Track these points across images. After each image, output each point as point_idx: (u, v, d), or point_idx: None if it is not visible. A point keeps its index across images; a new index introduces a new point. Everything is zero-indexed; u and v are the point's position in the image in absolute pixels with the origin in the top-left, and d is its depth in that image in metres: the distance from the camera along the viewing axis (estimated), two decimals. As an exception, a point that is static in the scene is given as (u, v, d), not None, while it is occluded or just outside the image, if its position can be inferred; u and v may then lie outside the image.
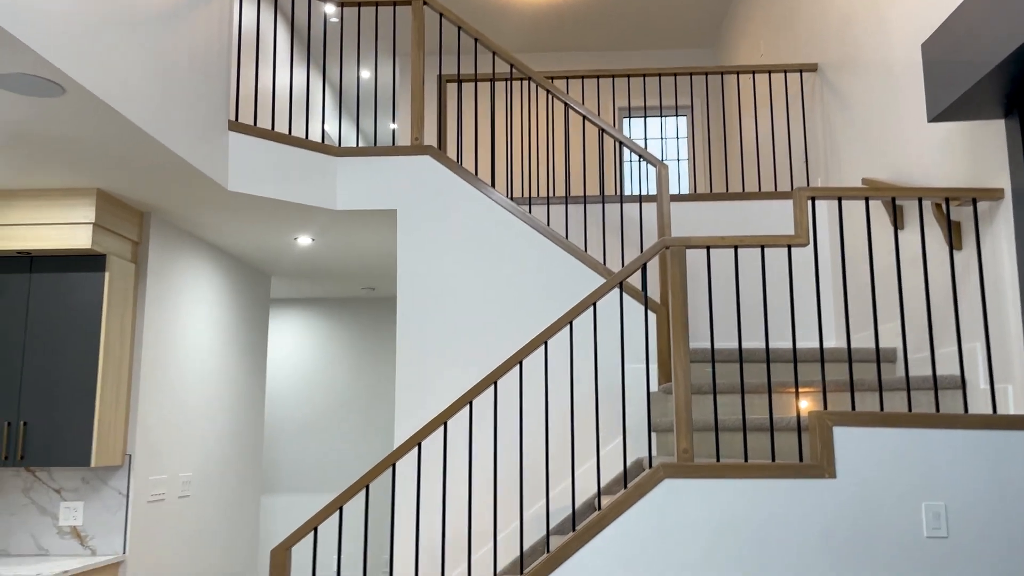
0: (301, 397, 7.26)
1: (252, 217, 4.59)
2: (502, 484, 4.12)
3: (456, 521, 4.08)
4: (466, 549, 4.05)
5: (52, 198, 4.00)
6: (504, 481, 4.12)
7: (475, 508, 4.09)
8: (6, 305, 4.08)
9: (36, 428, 3.98)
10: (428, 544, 4.06)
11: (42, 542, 4.16)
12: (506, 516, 4.09)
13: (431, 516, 4.08)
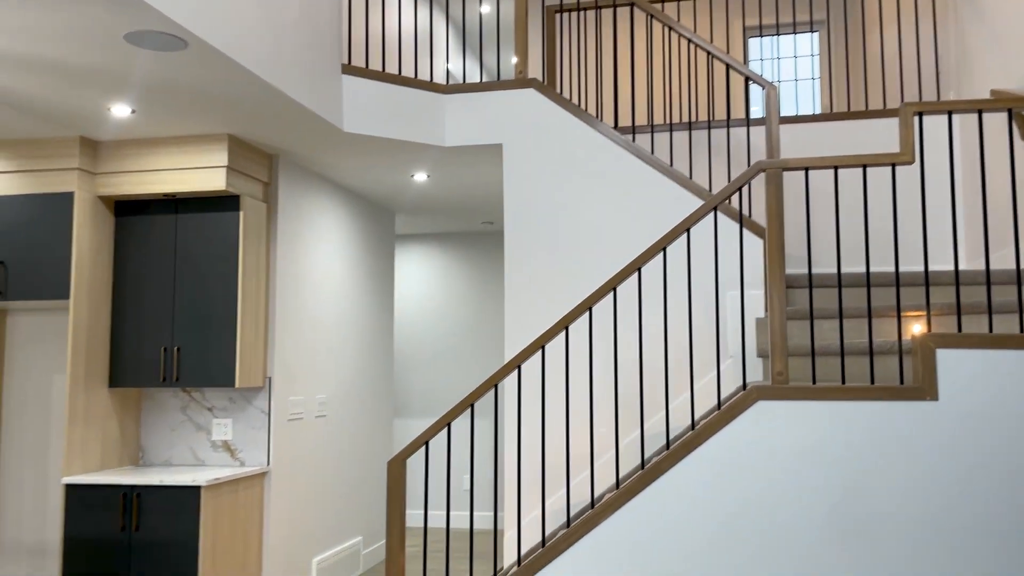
0: (428, 328, 7.64)
1: (369, 156, 4.84)
2: (602, 411, 4.25)
3: (556, 445, 4.27)
4: (564, 475, 4.24)
5: (190, 144, 4.38)
6: (603, 408, 4.25)
7: (573, 434, 4.25)
8: (158, 244, 4.55)
9: (188, 353, 4.46)
10: (529, 469, 4.27)
11: (199, 454, 4.70)
12: (603, 443, 4.23)
13: (532, 439, 4.28)
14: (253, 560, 4.53)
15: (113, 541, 4.14)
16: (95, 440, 4.40)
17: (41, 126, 4.21)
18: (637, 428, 4.22)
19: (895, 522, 2.97)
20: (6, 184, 4.43)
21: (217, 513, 4.18)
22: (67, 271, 4.31)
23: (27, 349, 4.97)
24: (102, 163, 4.47)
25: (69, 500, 4.20)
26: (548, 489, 4.19)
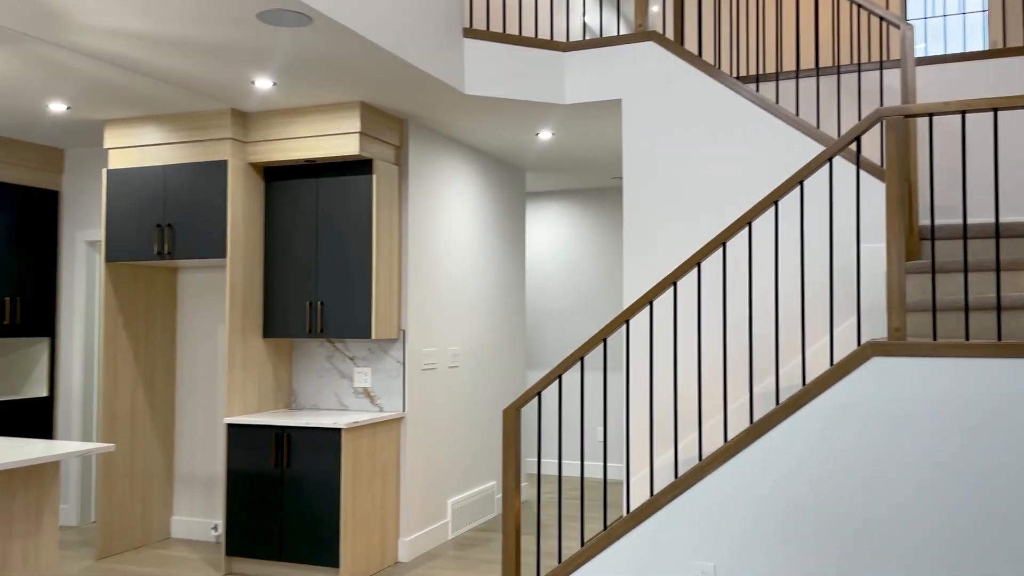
0: (560, 282, 7.77)
1: (491, 117, 4.98)
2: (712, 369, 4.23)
3: (666, 401, 4.30)
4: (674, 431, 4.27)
5: (326, 112, 4.68)
6: (713, 366, 4.23)
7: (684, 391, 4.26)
8: (302, 206, 4.91)
9: (330, 307, 4.82)
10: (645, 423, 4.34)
11: (343, 399, 5.09)
12: (713, 403, 4.22)
13: (645, 394, 4.33)
14: (391, 497, 4.89)
15: (268, 475, 4.61)
16: (252, 385, 4.87)
17: (197, 101, 4.64)
18: (748, 389, 4.18)
19: (1018, 483, 2.83)
20: (171, 154, 4.92)
21: (356, 453, 4.54)
22: (223, 232, 4.76)
23: (195, 302, 5.54)
24: (251, 132, 4.87)
25: (231, 438, 4.70)
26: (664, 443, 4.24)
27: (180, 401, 5.54)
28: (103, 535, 4.99)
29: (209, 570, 4.75)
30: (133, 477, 5.20)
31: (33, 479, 3.59)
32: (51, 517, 3.66)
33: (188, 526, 5.45)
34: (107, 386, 5.03)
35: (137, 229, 4.97)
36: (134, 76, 4.17)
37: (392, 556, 4.89)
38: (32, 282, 5.70)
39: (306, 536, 4.51)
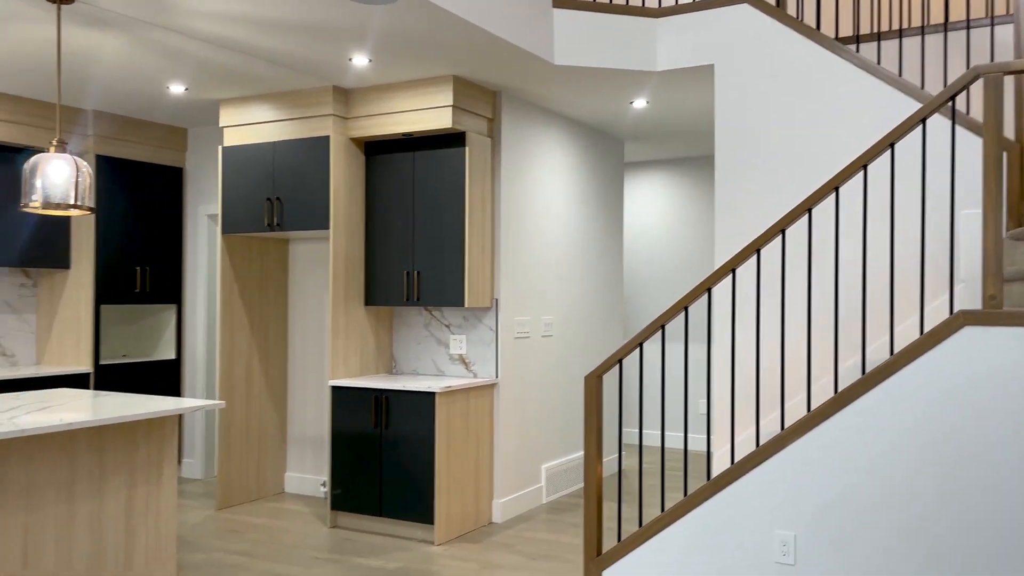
0: (659, 252, 7.71)
1: (583, 86, 4.98)
2: (795, 341, 4.13)
3: (748, 374, 4.22)
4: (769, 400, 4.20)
5: (421, 87, 4.82)
6: (797, 339, 4.12)
7: (768, 362, 4.18)
8: (399, 179, 5.10)
9: (426, 276, 5.00)
10: (733, 393, 4.28)
11: (439, 365, 5.28)
12: (797, 378, 4.12)
13: (723, 363, 4.28)
14: (485, 459, 5.05)
15: (368, 435, 4.85)
16: (355, 350, 5.12)
17: (301, 79, 4.87)
18: (833, 365, 4.06)
19: None
20: (278, 131, 5.20)
21: (450, 416, 4.72)
22: (327, 205, 5.00)
23: (304, 272, 5.85)
24: (352, 108, 5.07)
25: (334, 400, 4.97)
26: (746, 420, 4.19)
27: (291, 364, 5.89)
28: (222, 488, 5.39)
29: (317, 523, 5.06)
30: (249, 435, 5.58)
31: (154, 432, 3.93)
32: (170, 468, 4.01)
33: (300, 482, 5.81)
34: (224, 350, 5.41)
35: (250, 203, 5.29)
36: (243, 57, 4.43)
37: (486, 517, 5.07)
38: (161, 253, 6.17)
39: (403, 493, 4.74)
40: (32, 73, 4.77)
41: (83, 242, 5.69)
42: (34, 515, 3.43)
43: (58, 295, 5.78)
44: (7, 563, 3.33)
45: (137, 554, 3.85)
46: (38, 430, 3.15)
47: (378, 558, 4.38)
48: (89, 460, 3.64)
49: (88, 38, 4.11)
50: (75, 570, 3.59)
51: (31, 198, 3.43)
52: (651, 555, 3.48)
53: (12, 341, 5.69)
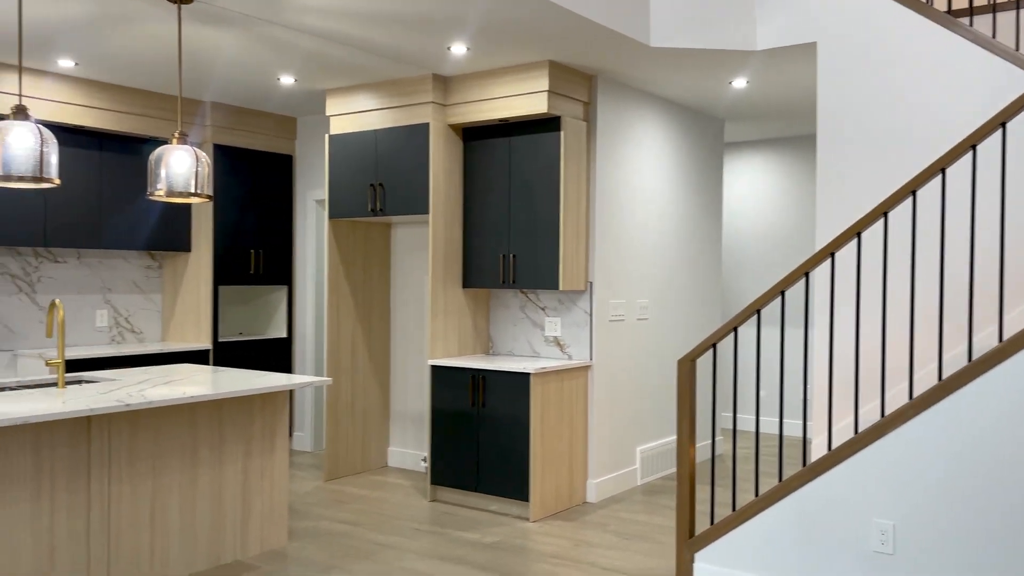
0: (760, 234, 7.55)
1: (681, 68, 4.94)
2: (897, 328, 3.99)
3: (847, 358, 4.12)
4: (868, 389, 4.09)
5: (517, 73, 4.90)
6: (898, 326, 3.99)
7: (865, 348, 4.06)
8: (495, 164, 5.20)
9: (521, 259, 5.09)
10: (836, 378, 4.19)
11: (535, 347, 5.38)
12: (898, 364, 3.98)
13: (821, 349, 4.18)
14: (580, 440, 5.13)
15: (466, 413, 5.01)
16: (453, 331, 5.28)
17: (402, 68, 5.02)
18: (937, 355, 3.91)
19: None
20: (381, 119, 5.38)
21: (545, 397, 4.81)
22: (427, 190, 5.16)
23: (405, 255, 6.05)
24: (450, 95, 5.20)
25: (434, 379, 5.15)
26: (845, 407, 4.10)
27: (393, 344, 6.11)
28: (330, 460, 5.67)
29: (418, 496, 5.27)
30: (354, 411, 5.84)
31: (268, 406, 4.19)
32: (282, 440, 4.27)
33: (402, 456, 6.04)
34: (331, 330, 5.67)
35: (354, 189, 5.50)
36: (348, 49, 4.61)
37: (580, 496, 5.15)
38: (272, 237, 6.49)
39: (499, 470, 4.87)
40: (156, 69, 5.10)
41: (202, 227, 6.06)
42: (161, 480, 3.72)
43: (180, 276, 6.18)
44: (138, 522, 3.64)
45: (253, 519, 4.13)
46: (165, 402, 3.42)
47: (475, 532, 4.53)
48: (210, 431, 3.92)
49: (206, 35, 4.37)
50: (197, 531, 3.88)
51: (156, 187, 3.69)
52: (744, 539, 3.48)
53: (140, 319, 6.13)
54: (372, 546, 4.28)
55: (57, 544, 3.34)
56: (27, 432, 3.24)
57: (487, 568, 3.97)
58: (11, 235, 5.10)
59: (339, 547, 4.26)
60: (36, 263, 5.53)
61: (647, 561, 4.09)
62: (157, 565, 3.70)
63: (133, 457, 3.60)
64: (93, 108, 5.38)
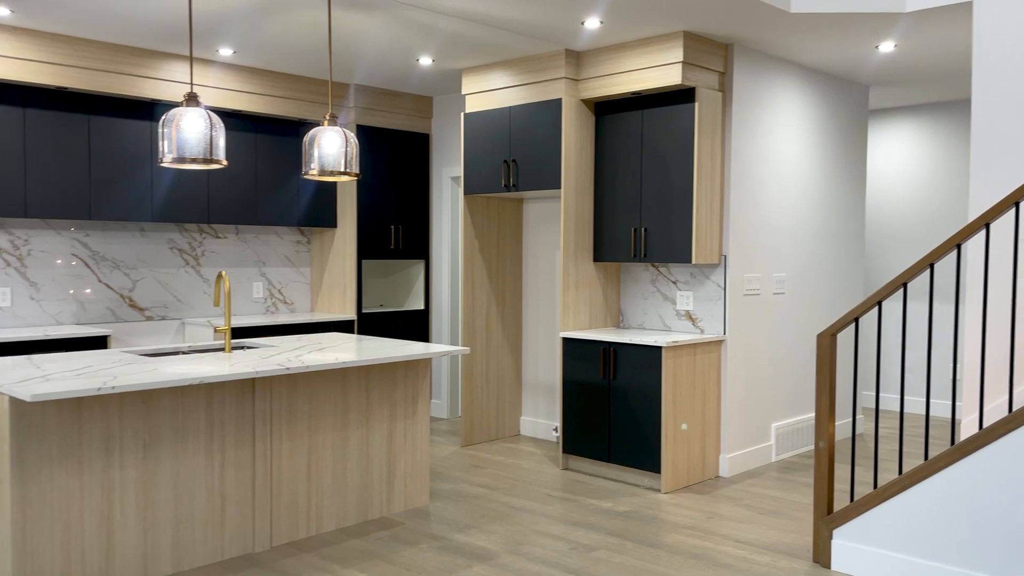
0: (908, 206, 7.18)
1: (823, 33, 4.77)
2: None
3: (1019, 332, 3.88)
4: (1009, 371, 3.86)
5: (650, 45, 4.87)
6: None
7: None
8: (627, 138, 5.20)
9: (653, 232, 5.09)
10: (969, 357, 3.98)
11: (666, 321, 5.38)
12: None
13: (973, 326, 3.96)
14: (712, 414, 5.11)
15: (596, 385, 5.09)
16: (584, 304, 5.36)
17: (536, 45, 5.10)
18: None
19: None
20: (514, 96, 5.49)
21: (676, 370, 4.82)
22: (558, 165, 5.24)
23: (537, 229, 6.17)
24: (582, 70, 5.24)
25: (565, 350, 5.25)
26: (997, 388, 3.88)
27: (525, 316, 6.26)
28: (465, 427, 5.90)
29: (549, 464, 5.41)
30: (488, 380, 6.04)
31: (410, 373, 4.42)
32: (423, 406, 4.49)
33: (533, 426, 6.21)
34: (466, 302, 5.88)
35: (488, 165, 5.65)
36: (484, 28, 4.73)
37: (712, 470, 5.14)
38: (410, 213, 6.77)
39: (630, 441, 4.93)
40: (306, 54, 5.40)
41: (347, 204, 6.39)
42: (316, 438, 4.02)
43: (327, 251, 6.55)
44: (296, 477, 3.95)
45: (397, 479, 4.39)
46: (320, 367, 3.68)
47: (607, 500, 4.63)
48: (358, 394, 4.18)
49: (353, 20, 4.59)
50: (348, 488, 4.17)
51: (310, 166, 3.95)
52: (885, 518, 3.40)
53: (291, 291, 6.56)
54: (508, 509, 4.46)
55: (227, 493, 3.68)
56: (201, 391, 3.58)
57: (620, 535, 4.06)
58: (180, 213, 5.57)
59: (476, 508, 4.46)
60: (200, 239, 6.02)
61: (782, 536, 4.05)
62: (313, 517, 4.01)
63: (292, 416, 3.91)
64: (249, 93, 5.77)
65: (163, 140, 3.46)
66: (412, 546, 3.88)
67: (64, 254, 5.39)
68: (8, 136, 4.86)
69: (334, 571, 3.57)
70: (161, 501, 3.47)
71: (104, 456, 3.30)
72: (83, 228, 5.47)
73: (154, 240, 5.79)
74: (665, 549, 3.88)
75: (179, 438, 3.52)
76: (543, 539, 4.00)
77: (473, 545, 3.90)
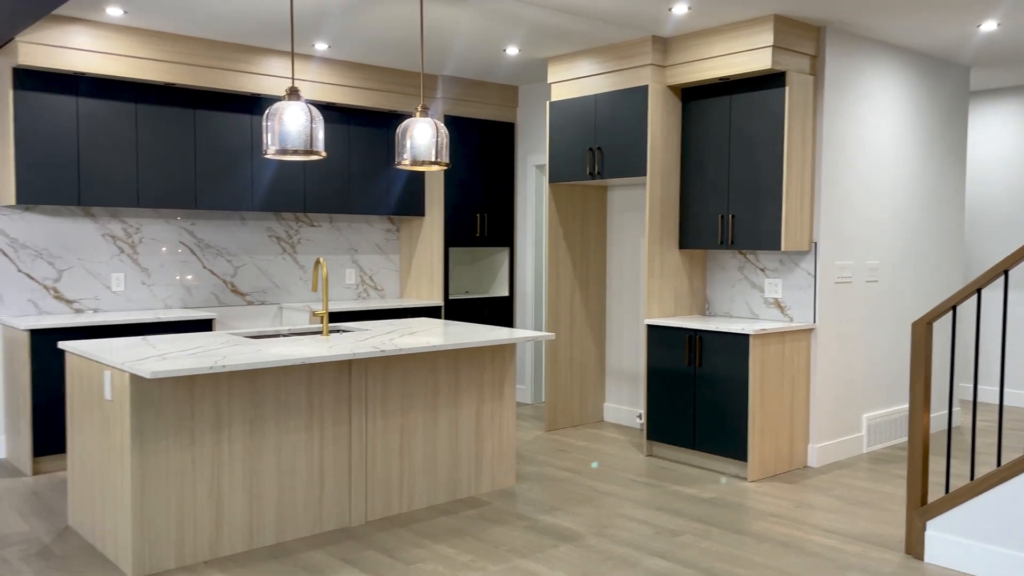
0: (1010, 191, 6.87)
1: (922, 13, 4.62)
2: None
3: None
4: None
5: (738, 29, 4.82)
6: None
7: None
8: (715, 124, 5.16)
9: (740, 219, 5.05)
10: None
11: (753, 309, 5.33)
12: None
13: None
14: (801, 404, 5.05)
15: (681, 372, 5.09)
16: (669, 291, 5.36)
17: (622, 32, 5.11)
18: None
19: None
20: (599, 84, 5.51)
21: (764, 359, 4.78)
22: (644, 153, 5.24)
23: (621, 217, 6.18)
24: (669, 56, 5.22)
25: (650, 338, 5.27)
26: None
27: (609, 303, 6.29)
28: (549, 412, 5.99)
29: (633, 450, 5.45)
30: (572, 366, 6.11)
31: (496, 357, 4.53)
32: (509, 389, 4.59)
33: (617, 412, 6.24)
34: (551, 288, 5.95)
35: (573, 153, 5.70)
36: (570, 16, 4.77)
37: (801, 460, 5.08)
38: (496, 201, 6.87)
39: (716, 429, 4.92)
40: (398, 47, 5.55)
41: (434, 192, 6.54)
42: (408, 418, 4.17)
43: (415, 239, 6.72)
44: (389, 455, 4.11)
45: (485, 459, 4.51)
46: (412, 350, 3.82)
47: (692, 487, 4.64)
48: (448, 377, 4.31)
49: (444, 12, 4.71)
50: (438, 467, 4.31)
51: (402, 157, 4.08)
52: (981, 511, 3.32)
53: (381, 277, 6.76)
54: (592, 492, 4.52)
55: (326, 469, 3.87)
56: (302, 372, 3.76)
57: (705, 521, 4.07)
58: (278, 202, 5.82)
59: (562, 491, 4.54)
60: (296, 227, 6.27)
61: (873, 527, 3.99)
62: (405, 494, 4.17)
63: (385, 397, 4.06)
64: (344, 86, 5.96)
65: (266, 133, 3.65)
66: (500, 525, 3.99)
67: (172, 242, 5.71)
68: (122, 131, 5.18)
69: (426, 546, 3.71)
70: (265, 475, 3.67)
71: (214, 431, 3.51)
72: (189, 217, 5.78)
73: (254, 228, 6.07)
74: (752, 536, 3.87)
75: (282, 416, 3.71)
76: (628, 523, 4.05)
77: (559, 526, 3.99)
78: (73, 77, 4.99)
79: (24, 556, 3.56)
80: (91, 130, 5.07)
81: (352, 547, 3.70)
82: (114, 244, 5.48)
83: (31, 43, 4.72)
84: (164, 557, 3.41)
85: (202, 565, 3.47)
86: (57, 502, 4.31)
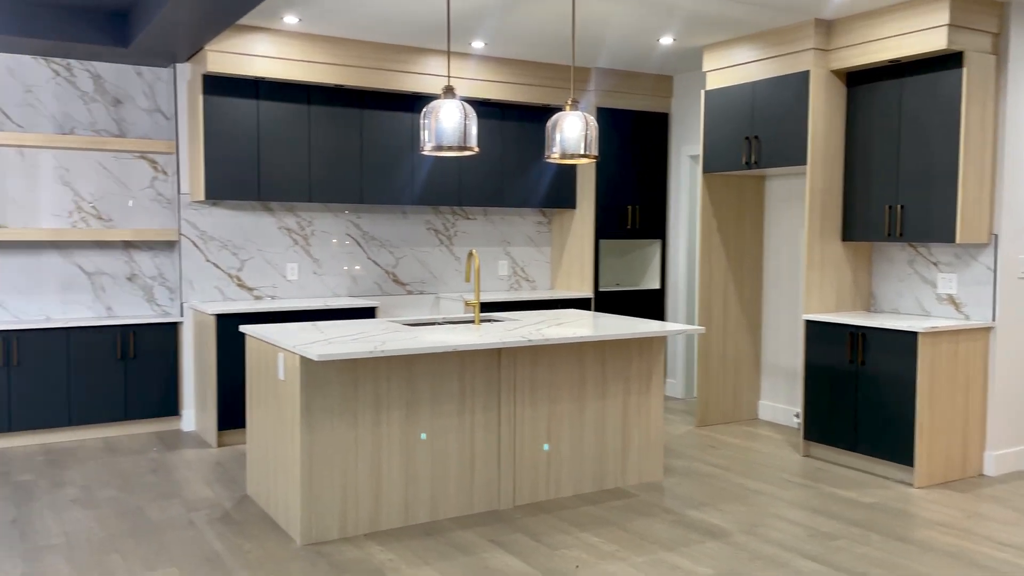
0: None
1: None
2: None
3: None
4: None
5: (910, 8, 4.53)
6: None
7: None
8: (883, 109, 4.88)
9: (911, 210, 4.75)
10: None
11: (924, 305, 5.00)
12: None
13: None
14: (977, 408, 4.69)
15: (842, 370, 4.86)
16: (830, 286, 5.13)
17: (781, 16, 4.93)
18: None
19: None
20: (757, 71, 5.34)
21: (935, 359, 4.48)
22: (804, 140, 5.03)
23: (779, 207, 5.97)
24: (833, 39, 4.98)
25: (808, 333, 5.07)
26: None
27: (765, 297, 6.10)
28: (701, 407, 5.89)
29: (789, 450, 5.27)
30: (725, 361, 5.97)
31: (645, 350, 4.51)
32: (657, 382, 4.57)
33: (772, 410, 6.05)
34: (703, 281, 5.84)
35: (728, 143, 5.56)
36: (728, 3, 4.66)
37: (975, 468, 4.73)
38: (648, 192, 6.82)
39: (880, 432, 4.67)
40: (551, 42, 5.63)
41: (585, 185, 6.58)
42: (555, 407, 4.25)
43: (566, 231, 6.79)
44: (536, 442, 4.20)
45: (631, 451, 4.51)
46: (560, 340, 3.89)
47: (852, 491, 4.43)
48: (595, 368, 4.35)
49: (597, 6, 4.73)
50: (584, 456, 4.36)
51: (552, 150, 4.15)
52: None
53: (532, 269, 6.89)
54: (743, 490, 4.42)
55: (476, 453, 4.02)
56: (455, 359, 3.92)
57: (864, 526, 3.89)
58: (436, 196, 6.06)
59: (711, 487, 4.47)
60: (453, 220, 6.50)
61: (1056, 545, 3.67)
62: (552, 482, 4.25)
63: (533, 386, 4.16)
64: (498, 82, 6.12)
65: (424, 130, 3.82)
66: (646, 517, 3.99)
67: (340, 234, 6.09)
68: (297, 131, 5.57)
69: (572, 533, 3.78)
70: (420, 456, 3.87)
71: (374, 412, 3.74)
72: (355, 211, 6.14)
73: (413, 221, 6.35)
74: (915, 544, 3.66)
75: (436, 400, 3.89)
76: (780, 523, 3.93)
77: (707, 522, 3.93)
78: (254, 81, 5.42)
79: (209, 520, 3.94)
80: (269, 131, 5.49)
81: (500, 529, 3.82)
82: (289, 236, 5.92)
83: (218, 51, 5.17)
84: (328, 528, 3.67)
85: (362, 538, 3.71)
86: (238, 472, 4.73)
